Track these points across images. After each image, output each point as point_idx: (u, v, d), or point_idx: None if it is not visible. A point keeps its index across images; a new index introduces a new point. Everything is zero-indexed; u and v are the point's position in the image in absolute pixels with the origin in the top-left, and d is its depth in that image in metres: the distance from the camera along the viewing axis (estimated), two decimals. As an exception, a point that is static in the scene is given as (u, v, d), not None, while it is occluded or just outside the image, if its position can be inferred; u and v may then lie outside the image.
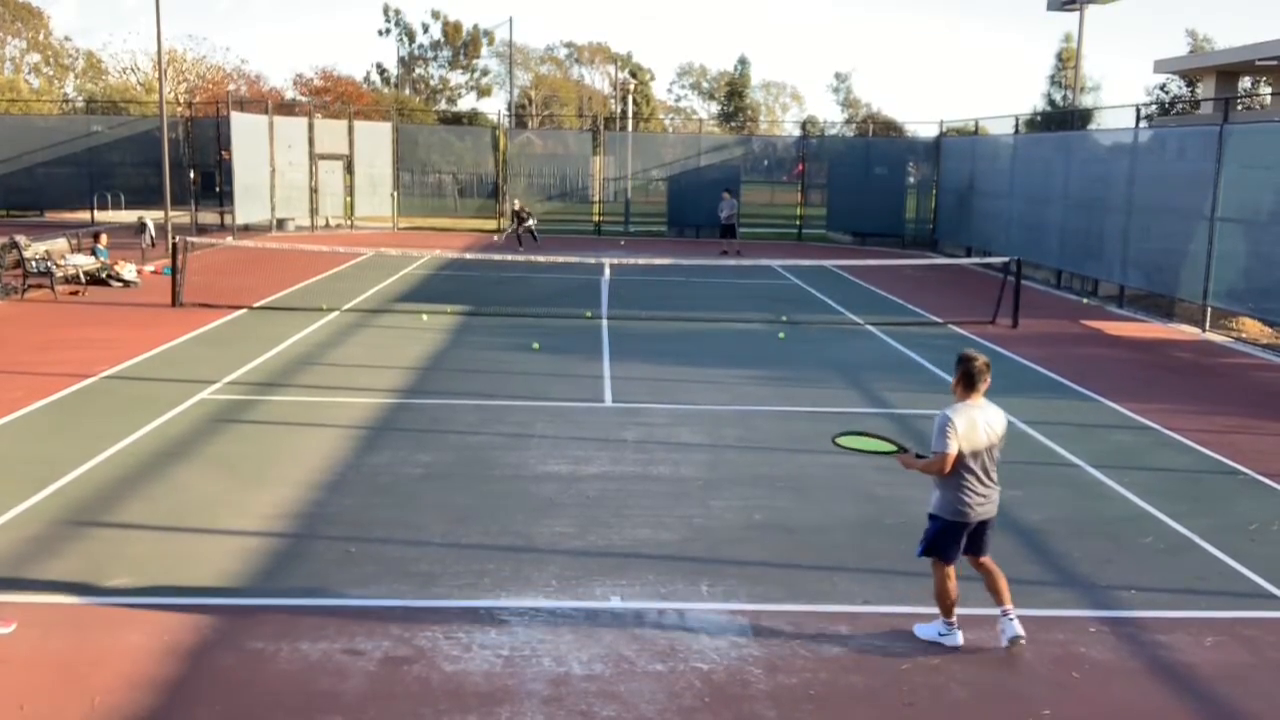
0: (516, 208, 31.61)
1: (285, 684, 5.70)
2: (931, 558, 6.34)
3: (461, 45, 74.09)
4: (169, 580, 6.94)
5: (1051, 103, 50.94)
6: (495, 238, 32.82)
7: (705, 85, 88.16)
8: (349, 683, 5.72)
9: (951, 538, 6.28)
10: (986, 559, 6.42)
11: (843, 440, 6.68)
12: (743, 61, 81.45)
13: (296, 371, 13.41)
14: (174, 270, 18.51)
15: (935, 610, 6.40)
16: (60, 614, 6.45)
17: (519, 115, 62.02)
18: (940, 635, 6.35)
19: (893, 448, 6.52)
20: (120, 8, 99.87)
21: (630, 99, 59.30)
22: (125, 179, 35.48)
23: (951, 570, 6.30)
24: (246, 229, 31.31)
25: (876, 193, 34.73)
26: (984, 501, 6.23)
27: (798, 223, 37.37)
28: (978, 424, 6.18)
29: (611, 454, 10.14)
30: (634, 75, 74.20)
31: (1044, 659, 6.22)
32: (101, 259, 20.74)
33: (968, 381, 6.24)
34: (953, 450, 6.09)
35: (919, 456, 6.37)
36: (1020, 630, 6.23)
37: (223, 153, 32.80)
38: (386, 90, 68.34)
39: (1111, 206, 22.57)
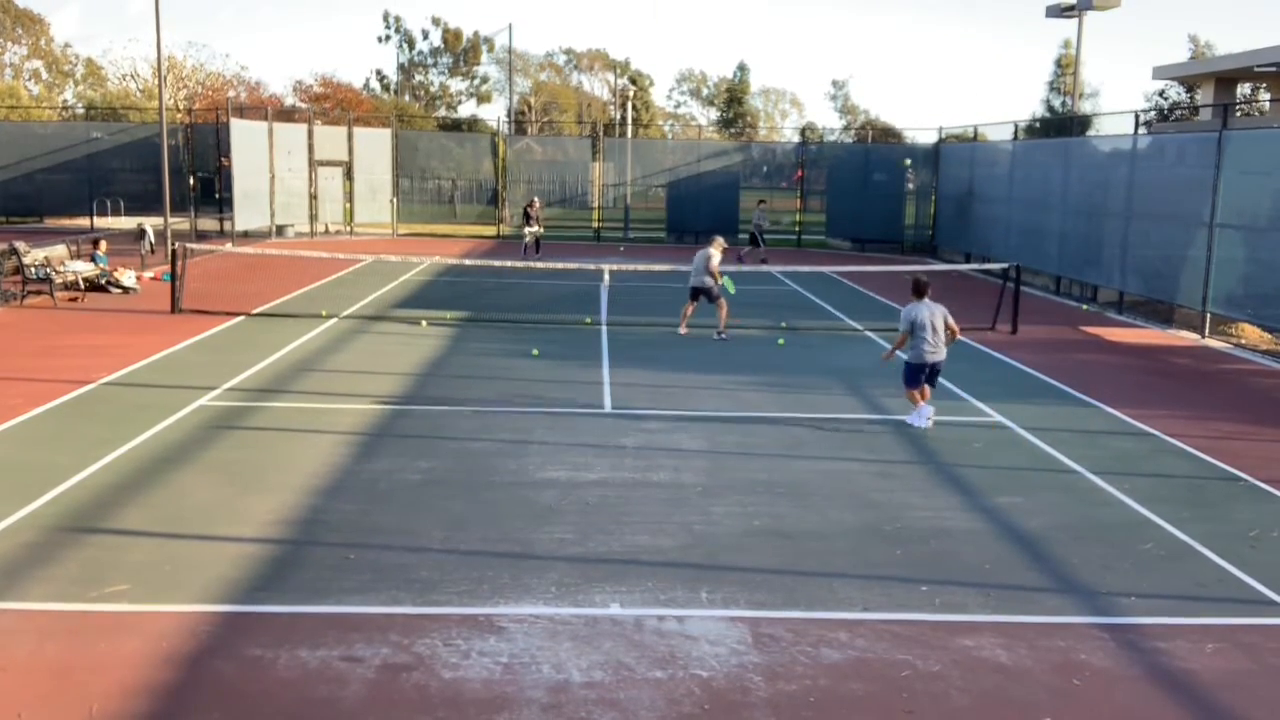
0: (534, 211, 29.77)
1: (283, 691, 5.69)
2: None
3: (461, 52, 74.24)
4: (167, 587, 6.93)
5: (1050, 109, 51.00)
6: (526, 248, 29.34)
7: (705, 92, 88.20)
8: (347, 690, 5.71)
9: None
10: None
11: None
12: (742, 68, 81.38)
13: (295, 378, 13.40)
14: (173, 277, 18.51)
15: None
16: (58, 621, 6.44)
17: (518, 122, 62.05)
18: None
19: None
20: (124, 15, 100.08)
21: (629, 105, 59.37)
22: (125, 185, 35.47)
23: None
24: (246, 235, 31.30)
25: (876, 199, 34.72)
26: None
27: (797, 229, 37.39)
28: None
29: (611, 460, 10.13)
30: (633, 82, 74.21)
31: (1045, 666, 6.21)
32: (101, 265, 20.74)
33: (916, 290, 11.48)
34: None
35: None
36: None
37: (222, 159, 32.81)
38: (386, 97, 68.49)
39: (1111, 212, 22.57)
